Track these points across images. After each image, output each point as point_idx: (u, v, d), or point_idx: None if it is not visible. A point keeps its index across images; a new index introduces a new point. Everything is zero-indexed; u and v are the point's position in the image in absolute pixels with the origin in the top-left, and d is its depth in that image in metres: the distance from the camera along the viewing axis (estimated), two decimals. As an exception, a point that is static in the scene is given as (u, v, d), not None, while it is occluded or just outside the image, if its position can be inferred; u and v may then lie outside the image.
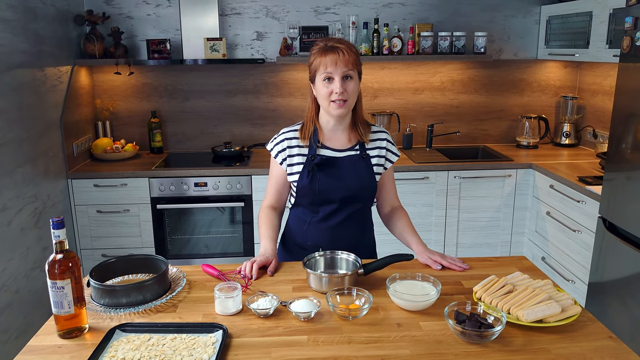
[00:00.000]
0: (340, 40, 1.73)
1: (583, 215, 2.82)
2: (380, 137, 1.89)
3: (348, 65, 1.68)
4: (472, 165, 3.40)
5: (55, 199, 3.09)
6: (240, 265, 1.75)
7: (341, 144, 1.84)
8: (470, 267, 1.75)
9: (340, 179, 1.81)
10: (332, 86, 1.70)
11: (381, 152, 1.87)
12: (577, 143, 3.85)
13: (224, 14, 3.65)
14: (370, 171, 1.84)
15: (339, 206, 1.83)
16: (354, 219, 1.87)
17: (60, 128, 3.19)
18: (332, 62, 1.68)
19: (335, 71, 1.68)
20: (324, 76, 1.70)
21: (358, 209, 1.86)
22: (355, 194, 1.82)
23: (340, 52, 1.68)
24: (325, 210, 1.84)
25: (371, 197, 1.88)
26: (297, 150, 1.84)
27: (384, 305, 1.49)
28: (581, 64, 3.85)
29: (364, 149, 1.84)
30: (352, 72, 1.71)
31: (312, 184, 1.80)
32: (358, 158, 1.83)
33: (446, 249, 3.52)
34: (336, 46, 1.69)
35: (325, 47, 1.70)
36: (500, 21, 3.80)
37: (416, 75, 3.85)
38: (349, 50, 1.69)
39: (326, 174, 1.81)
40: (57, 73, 3.17)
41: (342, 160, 1.82)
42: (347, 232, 1.85)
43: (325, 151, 1.83)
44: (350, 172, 1.82)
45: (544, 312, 1.35)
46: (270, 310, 1.44)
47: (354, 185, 1.81)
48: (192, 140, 3.88)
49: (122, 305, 1.49)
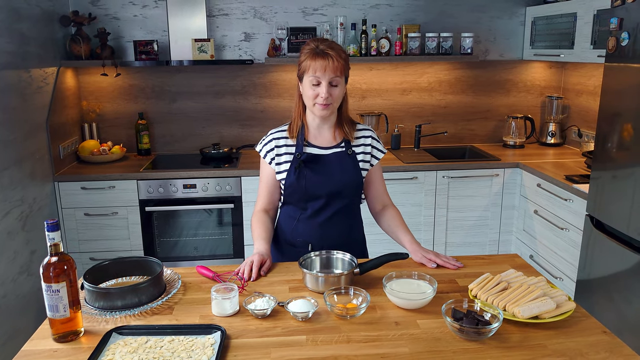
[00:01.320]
0: (331, 45, 1.73)
1: (570, 214, 2.86)
2: (365, 134, 1.91)
3: (336, 72, 1.71)
4: (460, 165, 3.43)
5: (42, 202, 3.05)
6: (234, 268, 1.75)
7: (327, 141, 1.87)
8: (464, 265, 1.77)
9: (327, 175, 1.83)
10: (318, 90, 1.73)
11: (366, 149, 1.89)
12: (562, 142, 3.90)
13: (212, 14, 3.63)
14: (356, 167, 1.86)
15: (326, 202, 1.85)
16: (342, 215, 1.89)
17: (46, 130, 3.15)
18: (321, 67, 1.70)
19: (323, 77, 1.71)
20: (311, 79, 1.72)
21: (345, 205, 1.88)
22: (341, 190, 1.84)
23: (330, 58, 1.69)
24: (313, 207, 1.86)
25: (358, 193, 1.90)
26: (284, 149, 1.87)
27: (381, 304, 1.50)
28: (566, 64, 3.90)
29: (349, 146, 1.87)
30: (339, 79, 1.74)
31: (299, 181, 1.82)
32: (344, 154, 1.86)
33: (435, 248, 3.54)
34: (327, 52, 1.70)
35: (316, 51, 1.71)
36: (486, 22, 3.84)
37: (404, 76, 3.88)
38: (339, 57, 1.71)
39: (313, 171, 1.83)
40: (43, 74, 3.13)
41: (328, 157, 1.85)
42: (335, 228, 1.88)
43: (311, 149, 1.86)
44: (336, 168, 1.84)
45: (539, 309, 1.37)
46: (268, 310, 1.44)
47: (340, 181, 1.83)
48: (180, 141, 3.86)
49: (117, 308, 1.48)
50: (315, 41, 1.76)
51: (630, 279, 2.35)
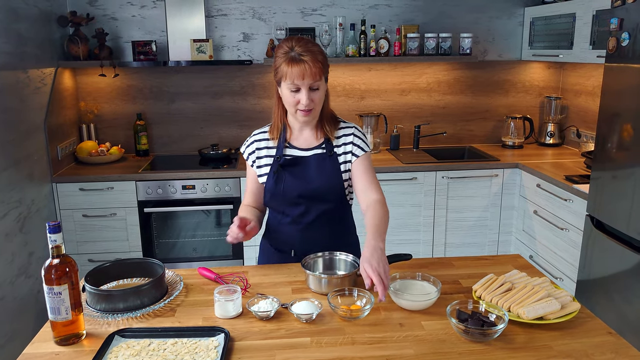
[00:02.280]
0: (306, 48, 1.65)
1: (570, 214, 2.86)
2: (346, 132, 1.83)
3: (315, 77, 1.64)
4: (459, 165, 3.43)
5: (40, 204, 3.03)
6: (236, 269, 1.74)
7: (308, 142, 1.82)
8: (469, 267, 1.76)
9: (306, 179, 1.78)
10: (299, 96, 1.68)
11: (347, 148, 1.81)
12: (561, 143, 3.90)
13: (210, 15, 3.62)
14: (336, 170, 1.80)
15: (307, 207, 1.80)
16: (325, 220, 1.82)
17: (44, 131, 3.13)
18: (299, 75, 1.63)
19: (302, 84, 1.65)
20: (290, 86, 1.67)
21: (328, 210, 1.81)
22: (321, 194, 1.79)
23: (306, 65, 1.62)
24: (294, 212, 1.81)
25: (340, 197, 1.83)
26: (265, 151, 1.84)
27: (385, 306, 1.49)
28: (564, 64, 3.91)
29: (331, 147, 1.81)
30: (319, 82, 1.68)
31: (277, 185, 1.79)
32: (324, 156, 1.80)
33: (435, 249, 3.54)
34: (302, 58, 1.62)
35: (291, 58, 1.63)
36: (485, 23, 3.84)
37: (403, 77, 3.87)
38: (315, 61, 1.63)
39: (292, 174, 1.79)
40: (41, 75, 3.11)
41: (308, 159, 1.80)
42: (318, 233, 1.81)
43: (292, 151, 1.82)
44: (316, 171, 1.79)
45: (544, 310, 1.36)
46: (272, 312, 1.43)
47: (319, 184, 1.78)
48: (179, 142, 3.84)
49: (119, 311, 1.47)
50: (289, 41, 1.67)
51: (631, 279, 2.35)
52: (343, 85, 3.83)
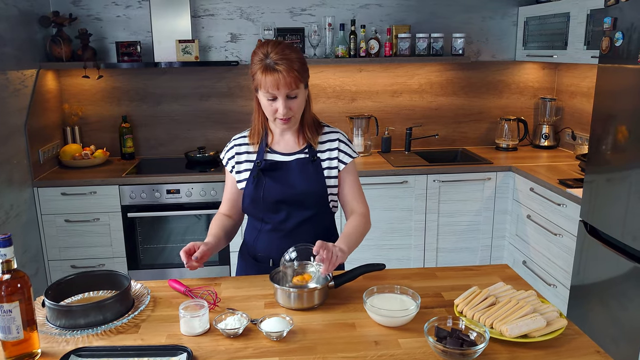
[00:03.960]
0: (282, 54, 1.57)
1: (564, 219, 2.78)
2: (331, 137, 1.77)
3: (291, 87, 1.58)
4: (451, 168, 3.35)
5: (20, 209, 2.95)
6: (210, 281, 1.67)
7: (290, 147, 1.77)
8: (452, 277, 1.68)
9: (287, 184, 1.72)
10: (276, 105, 1.62)
11: (332, 153, 1.76)
12: (556, 145, 3.82)
13: (197, 15, 3.54)
14: (319, 175, 1.74)
15: (288, 213, 1.73)
16: (307, 228, 1.75)
17: (24, 134, 3.05)
18: (273, 85, 1.57)
19: (278, 93, 1.59)
20: (266, 95, 1.61)
21: (310, 217, 1.74)
22: (303, 200, 1.72)
23: (280, 74, 1.55)
24: (274, 219, 1.75)
25: (323, 203, 1.76)
26: (245, 156, 1.78)
27: (360, 321, 1.41)
28: (559, 65, 3.83)
29: (313, 152, 1.75)
30: (296, 90, 1.61)
31: (257, 191, 1.72)
32: (307, 161, 1.74)
33: (426, 254, 3.46)
34: (276, 68, 1.55)
35: (266, 66, 1.57)
36: (478, 23, 3.76)
37: (394, 78, 3.79)
38: (290, 69, 1.56)
39: (273, 179, 1.72)
40: (21, 77, 3.03)
41: (290, 164, 1.74)
42: (299, 241, 1.71)
43: (273, 155, 1.76)
44: (298, 176, 1.73)
45: (528, 327, 1.28)
46: (240, 329, 1.35)
47: (301, 190, 1.71)
48: (165, 145, 3.76)
49: (80, 327, 1.38)
50: (265, 47, 1.59)
51: (625, 286, 2.27)
52: (333, 86, 3.75)
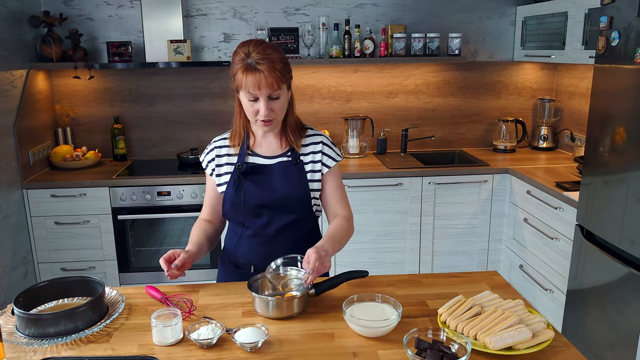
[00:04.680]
0: (264, 54, 1.52)
1: (560, 223, 2.72)
2: (315, 140, 1.73)
3: (272, 87, 1.53)
4: (447, 170, 3.29)
5: (8, 211, 2.91)
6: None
7: (272, 149, 1.72)
8: (438, 285, 1.62)
9: (269, 188, 1.67)
10: (258, 106, 1.57)
11: (316, 157, 1.71)
12: (554, 146, 3.76)
13: (190, 15, 3.50)
14: (302, 178, 1.69)
15: (270, 218, 1.68)
16: (289, 233, 1.71)
17: (13, 135, 3.01)
18: (254, 85, 1.52)
19: (259, 93, 1.55)
20: (247, 95, 1.56)
21: (293, 221, 1.70)
22: (285, 204, 1.67)
23: (261, 74, 1.51)
24: (255, 223, 1.70)
25: (306, 207, 1.71)
26: (225, 159, 1.73)
27: (340, 332, 1.36)
28: (558, 65, 3.76)
29: (296, 155, 1.70)
30: (278, 91, 1.57)
31: (237, 194, 1.67)
32: (289, 164, 1.69)
33: (422, 257, 3.40)
34: (257, 67, 1.51)
35: (247, 64, 1.52)
36: (475, 22, 3.70)
37: (390, 78, 3.74)
38: (272, 69, 1.52)
39: (254, 183, 1.67)
40: (10, 77, 2.99)
41: (272, 167, 1.69)
42: (281, 247, 1.69)
43: (255, 158, 1.71)
44: (280, 179, 1.68)
45: (513, 339, 1.22)
46: (213, 339, 1.30)
47: (283, 193, 1.66)
48: (158, 146, 3.72)
49: (49, 336, 1.34)
50: (246, 46, 1.55)
51: (622, 291, 2.21)
52: (328, 87, 3.70)
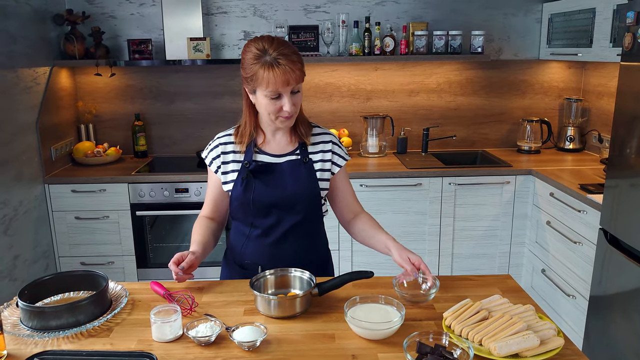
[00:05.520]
0: (282, 50, 1.48)
1: (584, 226, 2.63)
2: (324, 139, 1.70)
3: (298, 81, 1.51)
4: (467, 171, 3.22)
5: (29, 205, 2.97)
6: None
7: (281, 147, 1.67)
8: (448, 287, 1.57)
9: (278, 187, 1.63)
10: (281, 103, 1.52)
11: (325, 155, 1.68)
12: (581, 148, 3.64)
13: (210, 13, 3.51)
14: (312, 177, 1.65)
15: (278, 218, 1.64)
16: (298, 234, 1.67)
17: (36, 131, 3.06)
18: (283, 82, 1.47)
19: (285, 90, 1.50)
20: (269, 94, 1.51)
21: (301, 222, 1.66)
22: (294, 204, 1.63)
23: (290, 71, 1.46)
24: (263, 223, 1.66)
25: (315, 208, 1.67)
26: (232, 156, 1.68)
27: (341, 333, 1.32)
28: (586, 64, 3.64)
29: (306, 153, 1.66)
30: (299, 84, 1.54)
31: (245, 194, 1.63)
32: (299, 163, 1.65)
33: (441, 260, 3.33)
34: (280, 63, 1.46)
35: (268, 63, 1.46)
36: (499, 20, 3.61)
37: (411, 77, 3.68)
38: (295, 63, 1.48)
39: (262, 182, 1.63)
40: (33, 74, 3.04)
41: (281, 166, 1.65)
42: (289, 248, 1.66)
43: (263, 157, 1.66)
44: (289, 179, 1.63)
45: (519, 346, 1.17)
46: (212, 337, 1.28)
47: (293, 193, 1.62)
48: (178, 143, 3.74)
49: (51, 329, 1.34)
50: (258, 43, 1.50)
51: (647, 302, 2.12)
52: (348, 85, 3.67)
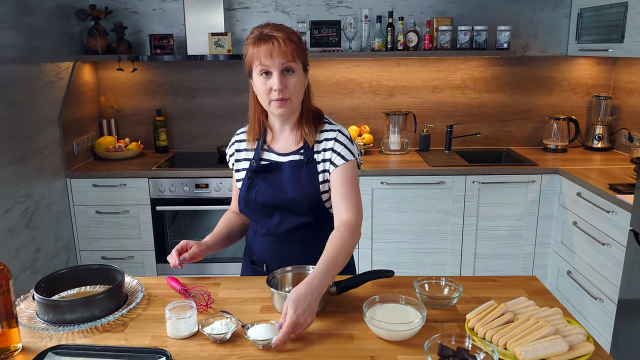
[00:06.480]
0: (278, 27, 1.47)
1: (613, 227, 2.54)
2: (328, 137, 1.59)
3: (287, 57, 1.44)
4: (491, 169, 3.14)
5: (51, 199, 2.99)
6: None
7: (287, 146, 1.61)
8: (463, 289, 1.52)
9: (279, 189, 1.58)
10: (270, 82, 1.46)
11: (326, 154, 1.58)
12: (610, 147, 3.53)
13: (232, 8, 3.49)
14: (313, 179, 1.57)
15: (281, 218, 1.60)
16: (304, 234, 1.61)
17: (58, 126, 3.08)
18: (267, 53, 1.42)
19: (272, 64, 1.44)
20: (259, 69, 1.46)
21: (305, 223, 1.59)
22: (294, 206, 1.57)
23: (275, 41, 1.42)
24: (268, 224, 1.62)
25: (318, 209, 1.59)
26: (244, 154, 1.66)
27: (359, 333, 1.28)
28: (617, 60, 3.53)
29: (310, 153, 1.59)
30: (293, 64, 1.46)
31: (249, 193, 1.60)
32: (301, 164, 1.58)
33: (464, 259, 3.26)
34: (272, 34, 1.43)
35: (260, 36, 1.45)
36: (527, 15, 3.51)
37: (435, 73, 3.61)
38: (288, 40, 1.44)
39: (266, 182, 1.59)
40: (56, 69, 3.06)
41: (283, 165, 1.59)
42: (296, 248, 1.61)
43: (269, 155, 1.62)
44: (290, 180, 1.57)
45: (546, 350, 1.12)
46: (227, 334, 1.25)
47: (292, 196, 1.56)
48: (199, 139, 3.74)
49: (66, 322, 1.33)
50: (259, 27, 1.49)
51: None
52: (370, 81, 3.61)
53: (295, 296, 1.25)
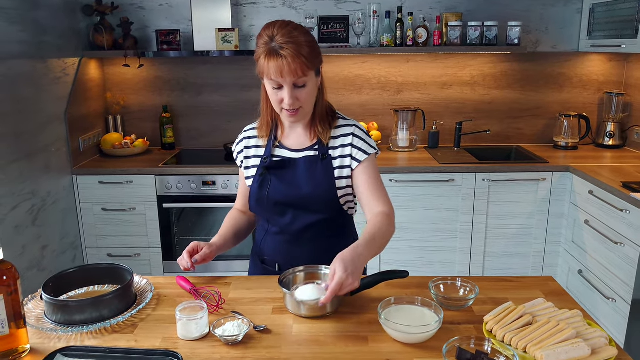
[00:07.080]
0: (289, 37, 1.38)
1: (626, 226, 2.50)
2: (345, 132, 1.57)
3: (297, 74, 1.39)
4: (501, 167, 3.10)
5: (57, 196, 2.97)
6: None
7: (300, 142, 1.58)
8: (479, 289, 1.49)
9: (293, 186, 1.54)
10: (282, 94, 1.44)
11: (345, 150, 1.55)
12: (622, 144, 3.48)
13: (239, 3, 3.46)
14: (329, 175, 1.54)
15: (294, 217, 1.56)
16: (317, 233, 1.58)
17: (64, 122, 3.06)
18: (277, 71, 1.38)
19: (283, 81, 1.41)
20: (271, 83, 1.44)
21: (319, 221, 1.56)
22: (309, 203, 1.54)
23: (284, 60, 1.36)
24: (280, 222, 1.59)
25: (333, 207, 1.56)
26: (254, 151, 1.63)
27: (374, 335, 1.25)
28: (629, 56, 3.48)
29: (324, 149, 1.56)
30: (305, 79, 1.43)
31: (261, 190, 1.57)
32: (316, 159, 1.55)
33: (473, 258, 3.23)
34: (280, 53, 1.37)
35: (269, 50, 1.38)
36: (537, 10, 3.47)
37: (444, 69, 3.57)
38: (296, 55, 1.37)
39: (279, 179, 1.56)
40: (62, 65, 3.04)
41: (297, 162, 1.56)
42: (308, 247, 1.58)
43: (282, 151, 1.59)
44: (304, 176, 1.54)
45: (567, 355, 1.08)
46: (239, 336, 1.23)
47: (307, 192, 1.53)
48: (206, 136, 3.71)
49: (75, 323, 1.31)
50: (271, 28, 1.41)
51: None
52: (378, 77, 3.58)
53: (343, 257, 1.26)
